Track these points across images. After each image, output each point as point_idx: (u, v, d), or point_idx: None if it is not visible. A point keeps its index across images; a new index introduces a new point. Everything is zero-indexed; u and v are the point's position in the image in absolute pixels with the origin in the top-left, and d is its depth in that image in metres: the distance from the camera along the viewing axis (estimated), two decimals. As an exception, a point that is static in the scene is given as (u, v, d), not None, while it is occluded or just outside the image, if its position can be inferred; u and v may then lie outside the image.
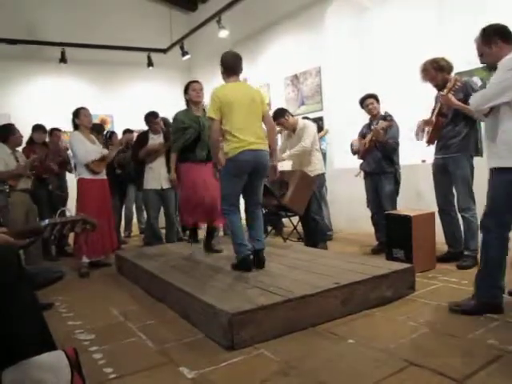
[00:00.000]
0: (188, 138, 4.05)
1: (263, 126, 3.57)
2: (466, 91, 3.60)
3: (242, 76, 3.60)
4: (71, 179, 5.72)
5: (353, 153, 4.84)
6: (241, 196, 3.57)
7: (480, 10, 4.58)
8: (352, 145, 4.82)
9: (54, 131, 5.90)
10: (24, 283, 1.68)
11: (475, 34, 2.77)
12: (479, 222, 2.78)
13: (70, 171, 5.75)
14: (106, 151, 4.65)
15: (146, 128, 5.31)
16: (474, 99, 2.73)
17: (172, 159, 4.29)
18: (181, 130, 4.08)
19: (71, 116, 4.58)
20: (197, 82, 4.21)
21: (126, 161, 5.76)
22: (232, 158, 3.33)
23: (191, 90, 4.13)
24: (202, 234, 4.60)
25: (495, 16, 4.58)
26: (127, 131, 6.49)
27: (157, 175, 5.04)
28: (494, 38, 2.66)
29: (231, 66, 3.50)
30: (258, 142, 3.38)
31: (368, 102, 4.64)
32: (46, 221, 1.85)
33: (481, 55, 2.77)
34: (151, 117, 5.14)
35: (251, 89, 3.59)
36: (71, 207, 4.43)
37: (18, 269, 1.71)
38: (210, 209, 4.03)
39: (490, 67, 2.77)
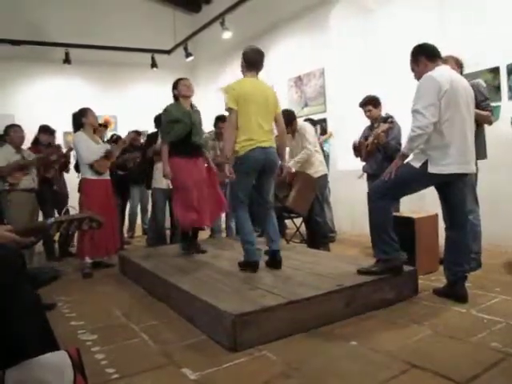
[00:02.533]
0: (179, 134, 4.02)
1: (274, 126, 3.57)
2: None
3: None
4: (69, 178, 5.76)
5: (355, 155, 4.83)
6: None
7: (481, 9, 4.57)
8: (354, 145, 4.81)
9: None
10: (26, 283, 1.68)
11: (478, 34, 2.78)
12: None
13: (68, 171, 5.78)
14: (108, 146, 4.64)
15: (149, 129, 5.31)
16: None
17: (163, 151, 4.11)
18: (172, 122, 4.04)
19: (73, 117, 4.59)
20: (187, 78, 4.24)
21: (129, 162, 5.76)
22: (243, 155, 3.32)
23: (182, 85, 4.13)
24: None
25: (495, 16, 4.60)
26: (134, 132, 6.48)
27: None
28: (420, 57, 3.00)
29: (253, 62, 3.51)
30: (268, 140, 3.39)
31: (366, 108, 4.65)
32: (52, 218, 1.84)
33: (412, 71, 3.09)
34: None
35: (267, 87, 3.57)
36: (73, 206, 4.43)
37: (21, 269, 1.71)
38: (202, 209, 4.01)
39: None
